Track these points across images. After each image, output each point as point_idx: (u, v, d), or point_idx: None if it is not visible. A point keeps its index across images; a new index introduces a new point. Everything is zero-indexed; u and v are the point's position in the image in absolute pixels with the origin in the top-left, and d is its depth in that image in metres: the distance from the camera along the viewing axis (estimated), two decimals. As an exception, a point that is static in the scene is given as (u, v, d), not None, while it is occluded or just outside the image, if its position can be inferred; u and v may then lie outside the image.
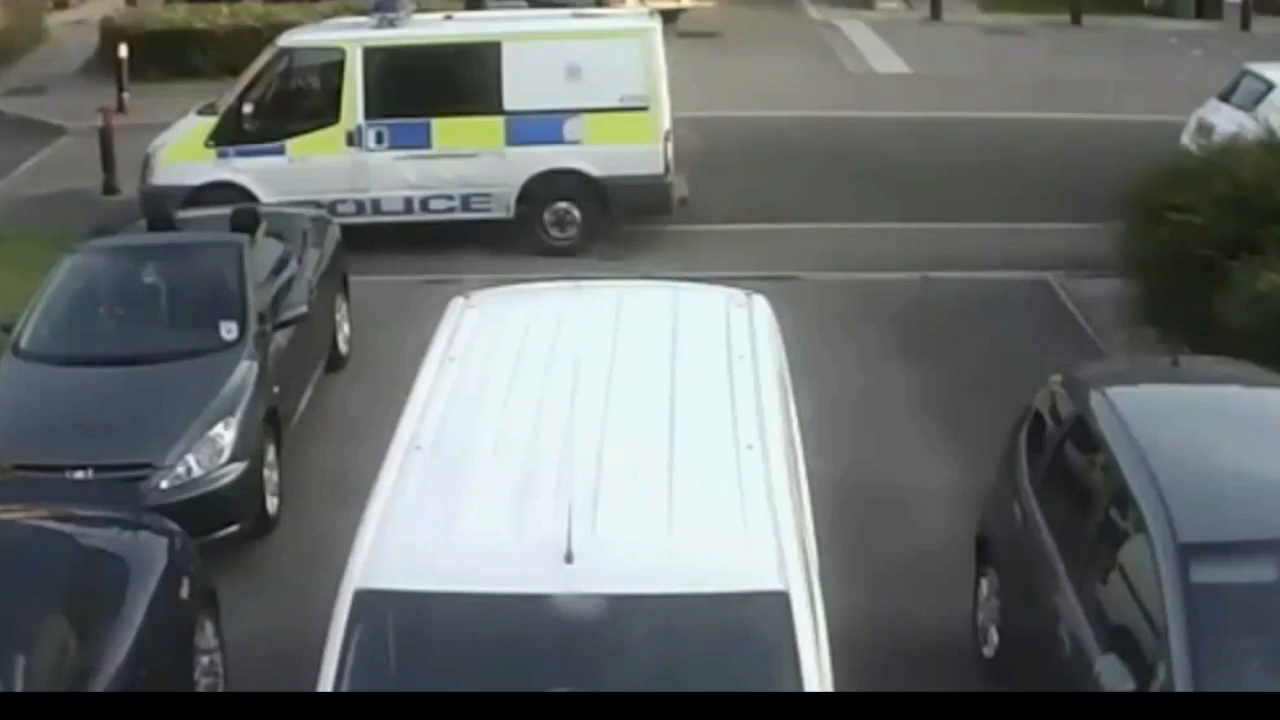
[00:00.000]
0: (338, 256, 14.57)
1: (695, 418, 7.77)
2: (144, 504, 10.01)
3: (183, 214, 14.53)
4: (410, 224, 17.24)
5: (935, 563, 10.53)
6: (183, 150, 17.34)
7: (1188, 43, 28.98)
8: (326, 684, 6.53)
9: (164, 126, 18.36)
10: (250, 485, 11.12)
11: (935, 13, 31.43)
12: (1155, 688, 7.15)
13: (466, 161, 17.10)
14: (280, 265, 13.26)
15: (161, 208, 15.03)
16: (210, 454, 10.89)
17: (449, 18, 18.57)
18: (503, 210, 17.33)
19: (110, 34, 26.27)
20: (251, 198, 16.46)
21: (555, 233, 17.37)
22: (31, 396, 11.48)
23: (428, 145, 17.16)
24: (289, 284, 13.07)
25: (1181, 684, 7.04)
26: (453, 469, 7.37)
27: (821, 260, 16.92)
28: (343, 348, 14.38)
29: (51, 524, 8.75)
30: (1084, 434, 8.78)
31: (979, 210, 18.54)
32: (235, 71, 18.73)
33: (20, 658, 7.29)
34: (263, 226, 13.31)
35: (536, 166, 17.16)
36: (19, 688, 7.11)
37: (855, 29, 30.66)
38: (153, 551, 8.91)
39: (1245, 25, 30.68)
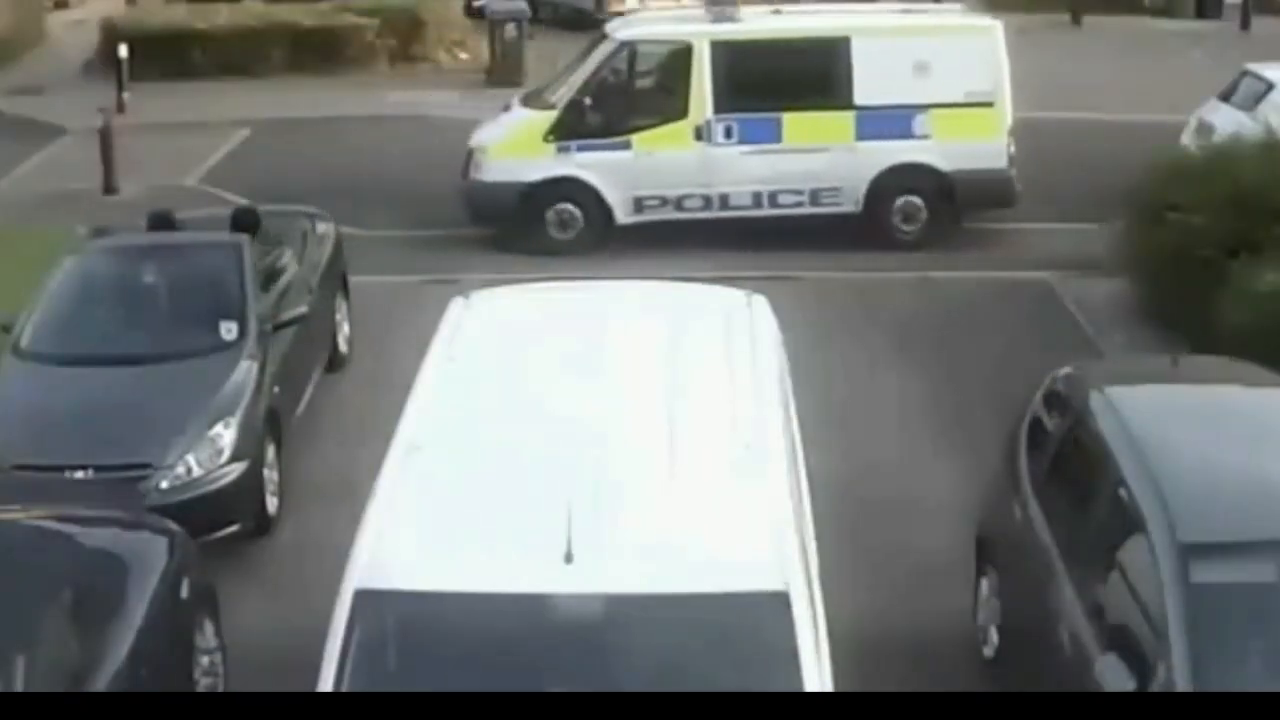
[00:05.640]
0: (337, 256, 14.57)
1: (695, 417, 7.77)
2: (144, 504, 10.01)
3: (182, 214, 14.52)
4: (758, 220, 17.27)
5: (935, 562, 10.53)
6: (517, 145, 17.37)
7: (1188, 43, 28.99)
8: (326, 684, 6.53)
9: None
10: (250, 485, 11.11)
11: (935, 13, 31.42)
12: (1155, 688, 7.15)
13: (816, 156, 17.13)
14: (280, 265, 13.25)
15: (488, 202, 16.43)
16: (210, 454, 10.88)
17: (777, 11, 18.55)
18: (851, 204, 17.38)
19: (110, 34, 26.31)
20: (595, 193, 16.84)
21: (904, 226, 17.43)
22: (31, 396, 11.47)
23: (777, 140, 17.19)
24: (289, 284, 13.07)
25: (1181, 684, 7.04)
26: (453, 469, 7.37)
27: (822, 259, 16.96)
28: (343, 348, 14.38)
29: (51, 524, 8.75)
30: (1084, 434, 8.78)
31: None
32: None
33: (20, 658, 7.29)
34: (263, 227, 13.31)
35: (886, 161, 17.22)
36: (19, 688, 7.11)
37: (855, 29, 30.59)
38: (153, 551, 8.90)
39: (1245, 25, 30.71)
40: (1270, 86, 18.75)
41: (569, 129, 17.21)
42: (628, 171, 17.08)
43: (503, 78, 26.29)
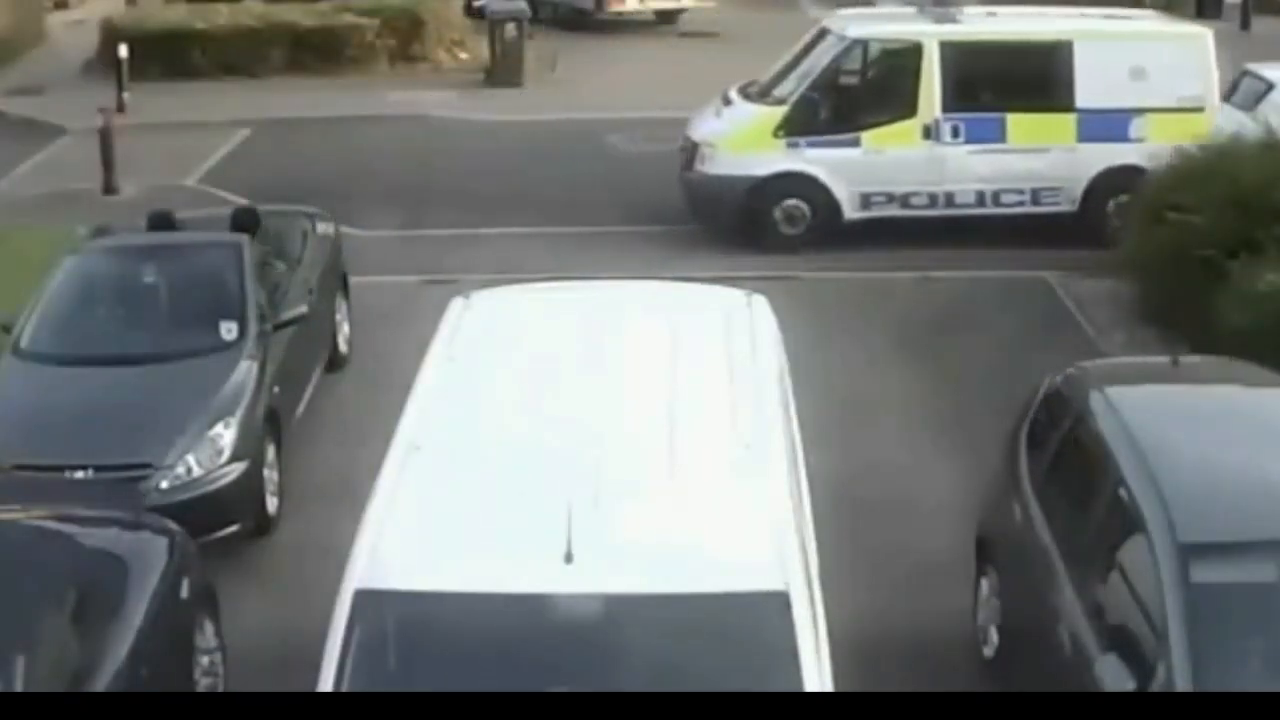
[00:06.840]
0: (337, 256, 14.57)
1: (695, 417, 7.77)
2: (144, 504, 10.00)
3: (182, 214, 14.52)
4: (980, 218, 17.42)
5: (935, 562, 10.53)
6: (746, 140, 17.49)
7: (1188, 43, 28.92)
8: (326, 684, 6.52)
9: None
10: (250, 485, 11.11)
11: (936, 13, 31.38)
12: (1155, 688, 7.15)
13: (1039, 156, 17.33)
14: (280, 265, 13.23)
15: (713, 197, 16.83)
16: (210, 454, 10.88)
17: (992, 14, 18.79)
18: (1069, 204, 17.57)
19: (110, 34, 26.31)
20: (824, 188, 17.07)
21: (1118, 225, 17.45)
22: (31, 396, 11.46)
23: (1002, 140, 17.38)
24: (289, 284, 13.06)
25: (1181, 684, 7.04)
26: (453, 469, 7.37)
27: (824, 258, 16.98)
28: (343, 348, 14.37)
29: (51, 524, 8.75)
30: (1084, 434, 8.78)
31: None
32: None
33: (20, 658, 7.29)
34: (263, 226, 13.31)
35: (1104, 162, 17.38)
36: (19, 688, 7.11)
37: (855, 29, 30.58)
38: (153, 551, 8.90)
39: (1245, 25, 30.69)
40: (1270, 86, 18.76)
41: (799, 125, 17.37)
42: (857, 168, 17.28)
43: (502, 78, 26.34)
